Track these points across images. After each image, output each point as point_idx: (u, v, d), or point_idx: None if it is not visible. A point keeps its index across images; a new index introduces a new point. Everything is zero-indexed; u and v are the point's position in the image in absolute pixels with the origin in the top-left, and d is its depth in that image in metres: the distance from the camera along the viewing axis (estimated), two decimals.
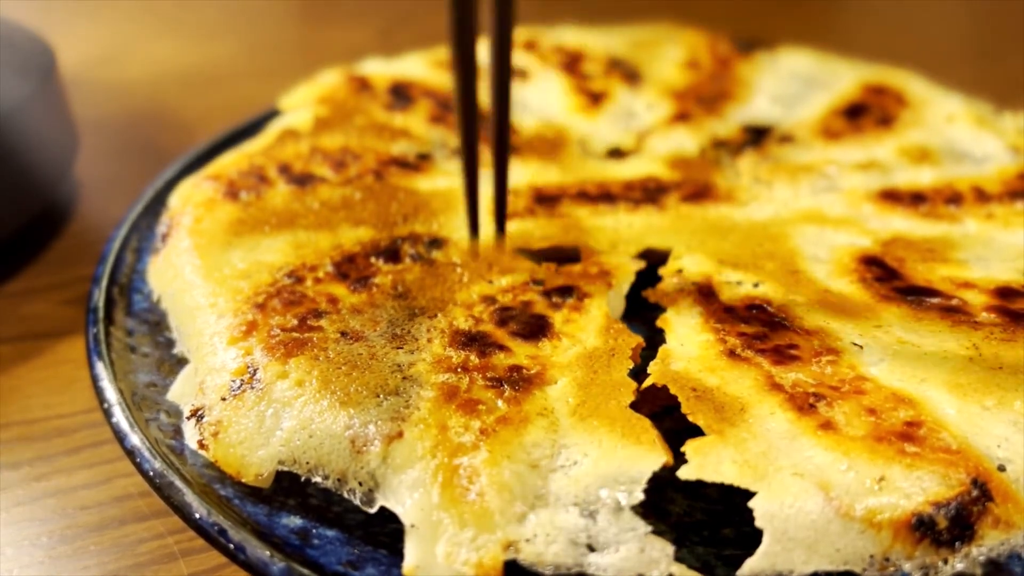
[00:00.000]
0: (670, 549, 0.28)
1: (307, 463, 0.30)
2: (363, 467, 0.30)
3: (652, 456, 0.29)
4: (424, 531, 0.28)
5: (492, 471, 0.29)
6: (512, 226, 0.42)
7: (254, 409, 0.31)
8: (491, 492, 0.28)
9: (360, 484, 0.30)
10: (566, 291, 0.38)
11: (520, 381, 0.32)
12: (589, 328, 0.36)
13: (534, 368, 0.33)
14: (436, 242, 0.40)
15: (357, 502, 0.30)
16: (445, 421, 0.30)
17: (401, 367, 0.33)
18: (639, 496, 0.29)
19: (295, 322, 0.34)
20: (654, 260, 0.42)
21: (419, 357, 0.33)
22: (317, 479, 0.30)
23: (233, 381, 0.32)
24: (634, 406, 0.39)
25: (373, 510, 0.30)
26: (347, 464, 0.30)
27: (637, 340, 0.36)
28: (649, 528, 0.28)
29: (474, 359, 0.33)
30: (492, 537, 0.27)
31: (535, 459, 0.30)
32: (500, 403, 0.31)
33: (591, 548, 0.28)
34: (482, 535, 0.27)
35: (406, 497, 0.29)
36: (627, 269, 0.40)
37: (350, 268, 0.38)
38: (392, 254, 0.39)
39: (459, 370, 0.33)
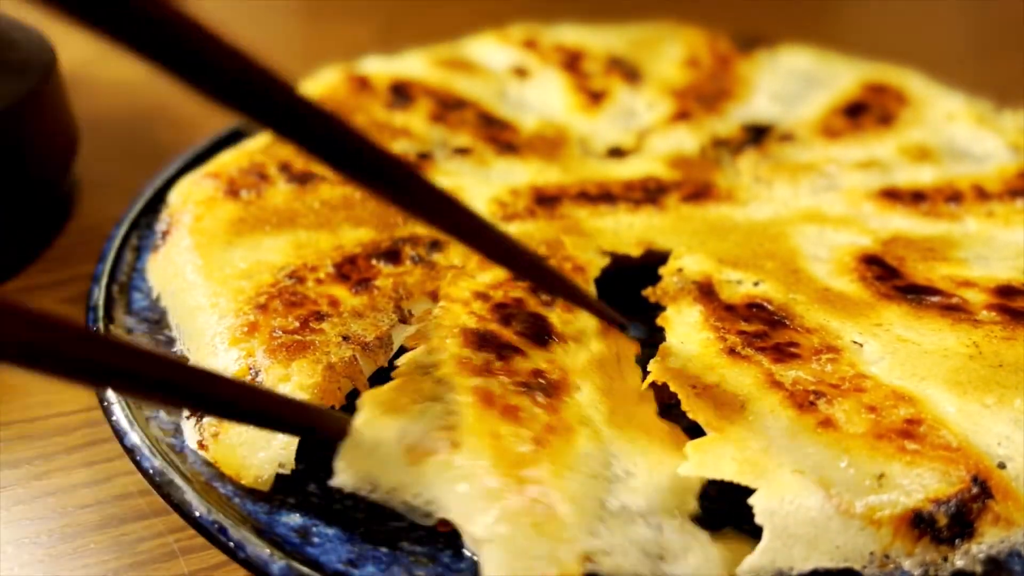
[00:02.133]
0: (728, 554, 0.28)
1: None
2: (419, 479, 0.29)
3: (686, 464, 0.30)
4: (499, 546, 0.27)
5: (559, 482, 0.28)
6: (513, 228, 0.42)
7: None
8: (562, 504, 0.27)
9: (416, 496, 0.29)
10: None
11: (549, 387, 0.32)
12: (587, 330, 0.36)
13: (555, 373, 0.33)
14: (436, 244, 0.40)
15: (412, 516, 0.29)
16: (496, 429, 0.29)
17: (427, 369, 0.32)
18: (695, 506, 0.29)
19: (297, 324, 0.34)
20: (654, 260, 0.42)
21: (439, 358, 0.33)
22: (364, 492, 0.29)
23: None
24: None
25: (431, 522, 0.29)
26: (401, 476, 0.29)
27: (635, 347, 0.36)
28: (708, 535, 0.28)
29: (496, 362, 0.32)
30: (570, 549, 0.27)
31: (593, 470, 0.29)
32: (538, 410, 0.30)
33: (661, 558, 0.28)
34: (560, 548, 0.27)
35: (472, 511, 0.28)
36: (596, 264, 0.40)
37: (351, 269, 0.38)
38: (393, 256, 0.39)
39: (485, 373, 0.32)
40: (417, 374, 0.32)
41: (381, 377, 0.33)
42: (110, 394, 0.34)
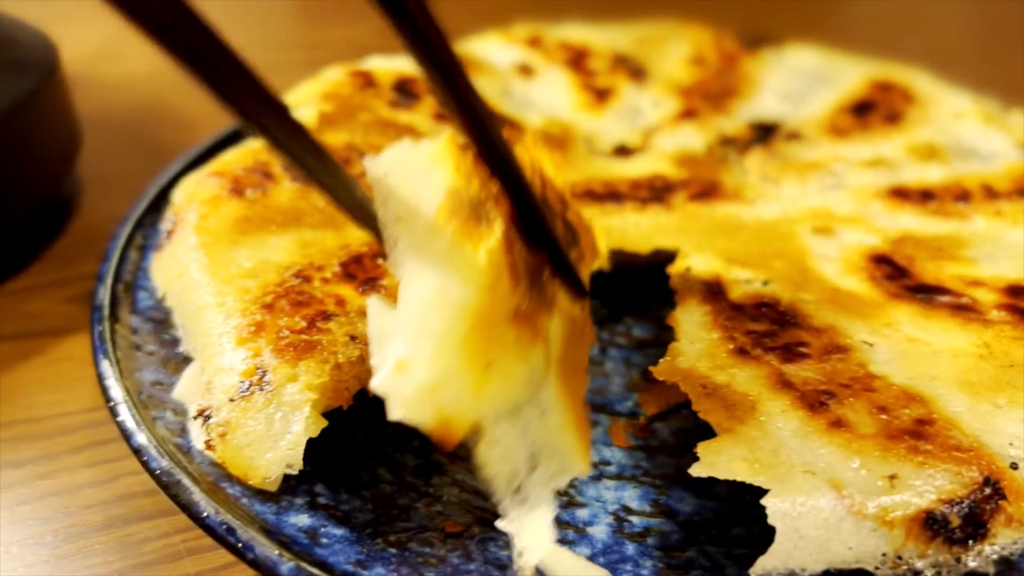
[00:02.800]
0: (550, 529, 0.27)
1: None
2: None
3: (582, 462, 0.29)
4: (417, 371, 0.24)
5: (509, 359, 0.26)
6: None
7: (263, 411, 0.31)
8: (499, 374, 0.25)
9: None
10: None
11: (544, 295, 0.29)
12: (561, 294, 0.33)
13: (549, 291, 0.30)
14: None
15: None
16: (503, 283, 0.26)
17: None
18: (561, 484, 0.28)
19: (304, 323, 0.34)
20: (661, 259, 0.42)
21: None
22: None
23: (242, 382, 0.32)
24: (642, 404, 0.39)
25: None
26: None
27: (593, 337, 0.34)
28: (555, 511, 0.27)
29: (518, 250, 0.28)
30: (472, 409, 0.25)
31: (531, 379, 0.27)
32: (532, 298, 0.28)
33: (517, 492, 0.27)
34: (464, 402, 0.24)
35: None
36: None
37: (357, 269, 0.38)
38: None
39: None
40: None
41: None
42: (116, 394, 0.34)
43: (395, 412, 0.24)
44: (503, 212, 0.28)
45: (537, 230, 0.29)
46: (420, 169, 0.25)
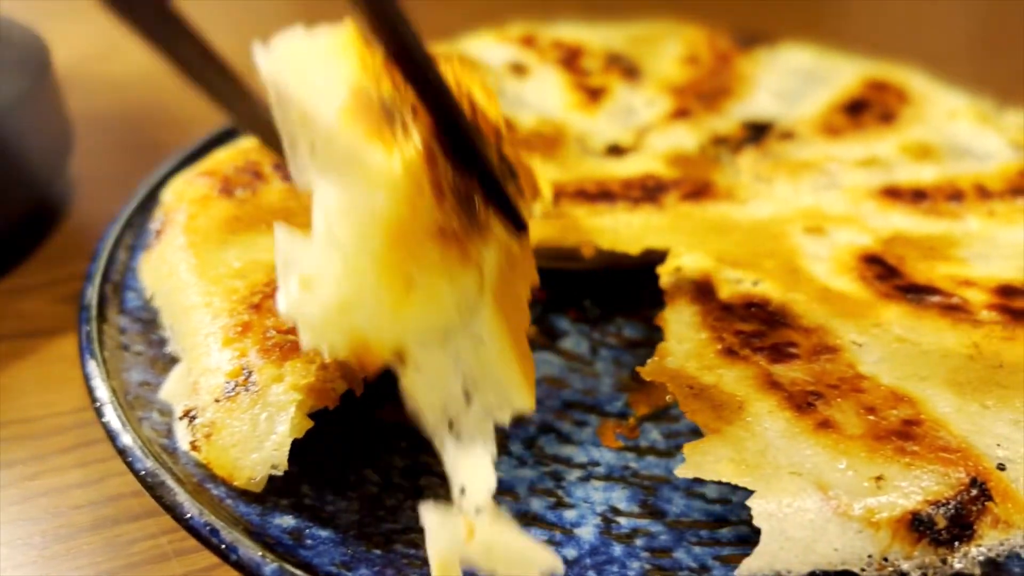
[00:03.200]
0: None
1: None
2: None
3: (526, 396, 0.27)
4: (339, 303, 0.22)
5: (433, 281, 0.23)
6: None
7: (248, 412, 0.31)
8: (420, 294, 0.23)
9: None
10: None
11: (476, 220, 0.26)
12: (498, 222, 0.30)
13: (482, 215, 0.27)
14: None
15: None
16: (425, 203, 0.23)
17: None
18: (502, 420, 0.26)
19: (290, 324, 0.34)
20: (652, 259, 0.41)
21: None
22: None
23: (227, 383, 0.32)
24: (631, 404, 0.39)
25: None
26: None
27: (535, 277, 0.31)
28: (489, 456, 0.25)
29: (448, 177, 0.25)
30: (392, 332, 0.22)
31: (460, 305, 0.25)
32: (459, 223, 0.25)
33: (451, 427, 0.25)
34: (385, 325, 0.22)
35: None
36: None
37: None
38: None
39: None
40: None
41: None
42: (102, 394, 0.34)
43: (304, 336, 0.21)
44: (423, 125, 0.24)
45: (466, 152, 0.25)
46: (319, 62, 0.22)
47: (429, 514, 0.24)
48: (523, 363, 0.28)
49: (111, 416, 0.32)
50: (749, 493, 0.28)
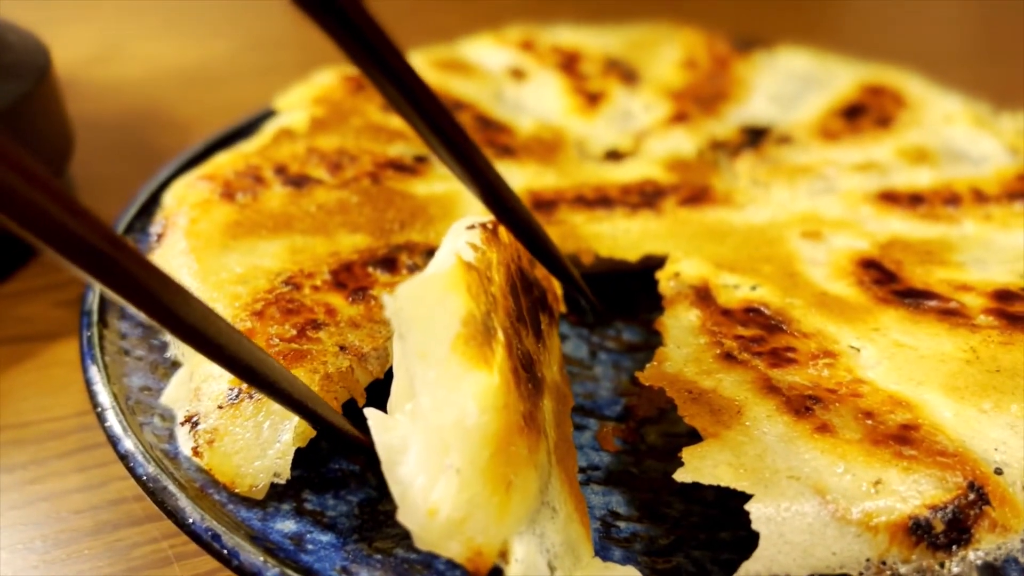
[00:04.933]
0: None
1: None
2: None
3: (588, 547, 0.29)
4: (453, 492, 0.24)
5: (526, 471, 0.26)
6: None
7: (252, 420, 0.31)
8: (519, 492, 0.25)
9: None
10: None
11: (537, 380, 0.29)
12: (553, 365, 0.34)
13: (540, 371, 0.30)
14: (432, 253, 0.40)
15: None
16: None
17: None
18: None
19: (294, 332, 0.34)
20: (651, 264, 0.42)
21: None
22: None
23: (231, 390, 0.32)
24: (631, 408, 0.39)
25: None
26: None
27: (571, 399, 0.34)
28: None
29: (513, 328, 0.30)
30: (497, 535, 0.25)
31: (540, 484, 0.27)
32: (527, 393, 0.28)
33: None
34: (492, 528, 0.24)
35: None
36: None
37: (348, 277, 0.38)
38: (389, 264, 0.39)
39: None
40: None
41: (377, 388, 0.33)
42: (103, 399, 0.34)
43: (422, 545, 0.24)
44: (503, 313, 0.28)
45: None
46: (435, 300, 0.25)
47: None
48: (580, 511, 0.29)
49: (113, 421, 0.32)
50: (748, 497, 0.28)
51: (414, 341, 0.25)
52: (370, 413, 0.25)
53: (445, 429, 0.24)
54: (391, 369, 0.34)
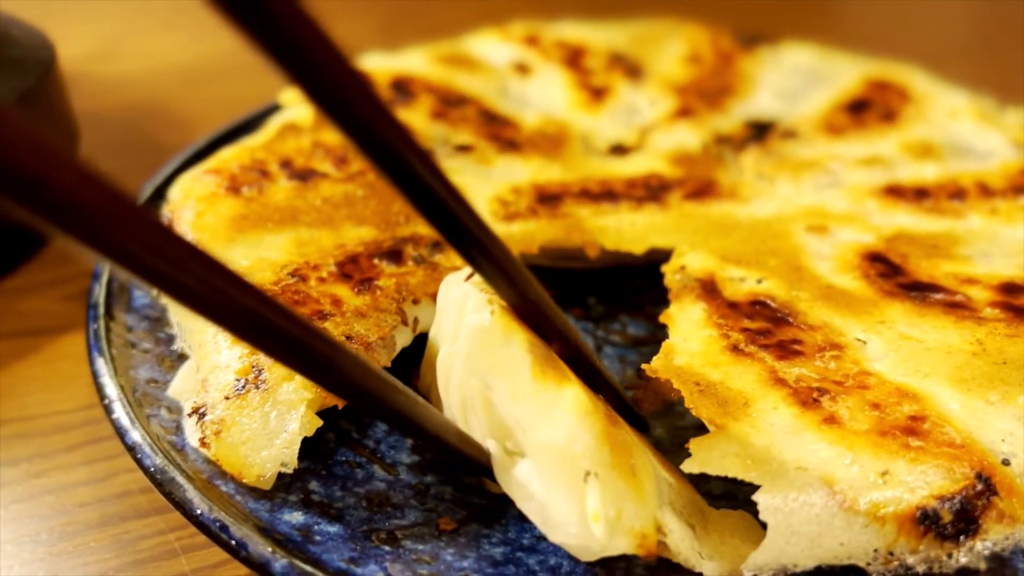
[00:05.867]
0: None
1: None
2: None
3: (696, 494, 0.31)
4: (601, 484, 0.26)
5: (638, 451, 0.28)
6: (515, 228, 0.42)
7: (259, 410, 0.31)
8: (643, 471, 0.28)
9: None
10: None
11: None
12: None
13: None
14: (438, 245, 0.40)
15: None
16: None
17: None
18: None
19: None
20: (657, 258, 0.42)
21: None
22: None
23: (237, 380, 0.32)
24: (637, 402, 0.39)
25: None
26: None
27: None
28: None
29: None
30: (649, 514, 0.27)
31: (646, 456, 0.30)
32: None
33: (701, 555, 0.29)
34: (646, 509, 0.27)
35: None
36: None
37: (353, 269, 0.38)
38: (395, 256, 0.39)
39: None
40: None
41: None
42: (110, 392, 0.34)
43: (589, 556, 0.27)
44: (558, 348, 0.31)
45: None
46: (498, 345, 0.28)
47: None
48: (676, 473, 0.31)
49: (120, 413, 0.32)
50: (755, 488, 0.28)
51: (502, 389, 0.28)
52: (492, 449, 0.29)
53: (562, 447, 0.26)
54: (397, 358, 0.34)
